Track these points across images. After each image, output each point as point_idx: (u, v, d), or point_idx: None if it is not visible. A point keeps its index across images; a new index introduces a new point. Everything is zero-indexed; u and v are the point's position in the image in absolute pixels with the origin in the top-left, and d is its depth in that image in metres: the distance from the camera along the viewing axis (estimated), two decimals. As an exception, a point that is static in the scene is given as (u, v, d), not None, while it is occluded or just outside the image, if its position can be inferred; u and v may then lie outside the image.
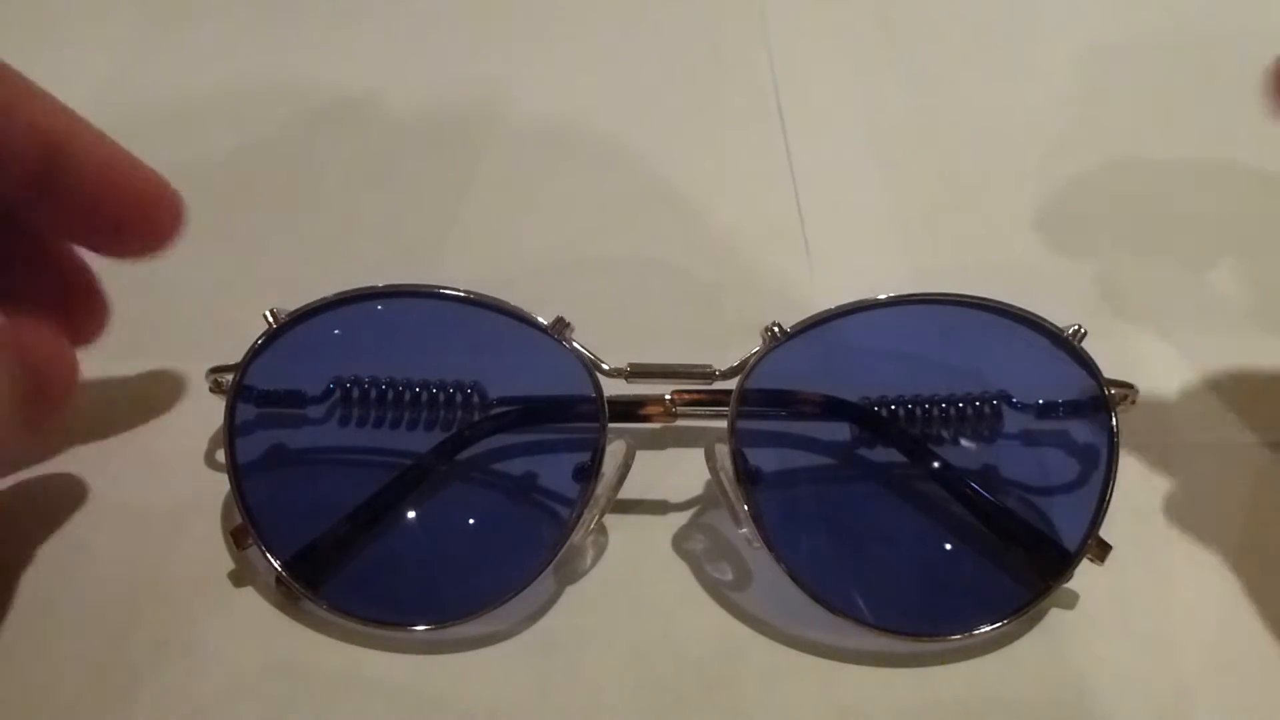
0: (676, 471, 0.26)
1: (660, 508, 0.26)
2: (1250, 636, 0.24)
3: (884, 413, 0.26)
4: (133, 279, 0.25)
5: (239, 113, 0.36)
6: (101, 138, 0.23)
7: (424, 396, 0.25)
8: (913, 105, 0.37)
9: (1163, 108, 0.37)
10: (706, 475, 0.26)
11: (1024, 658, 0.24)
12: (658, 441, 0.27)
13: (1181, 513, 0.26)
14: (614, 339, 0.25)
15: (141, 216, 0.24)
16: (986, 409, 0.25)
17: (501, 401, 0.26)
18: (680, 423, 0.25)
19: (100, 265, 0.26)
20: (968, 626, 0.23)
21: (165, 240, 0.24)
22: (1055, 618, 0.24)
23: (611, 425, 0.24)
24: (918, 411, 0.25)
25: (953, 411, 0.25)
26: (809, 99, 0.37)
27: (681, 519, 0.26)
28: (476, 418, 0.26)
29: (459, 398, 0.25)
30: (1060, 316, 0.29)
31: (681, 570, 0.25)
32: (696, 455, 0.26)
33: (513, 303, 0.24)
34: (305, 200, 0.34)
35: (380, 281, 0.25)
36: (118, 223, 0.24)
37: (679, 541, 0.25)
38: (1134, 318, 0.30)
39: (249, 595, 0.24)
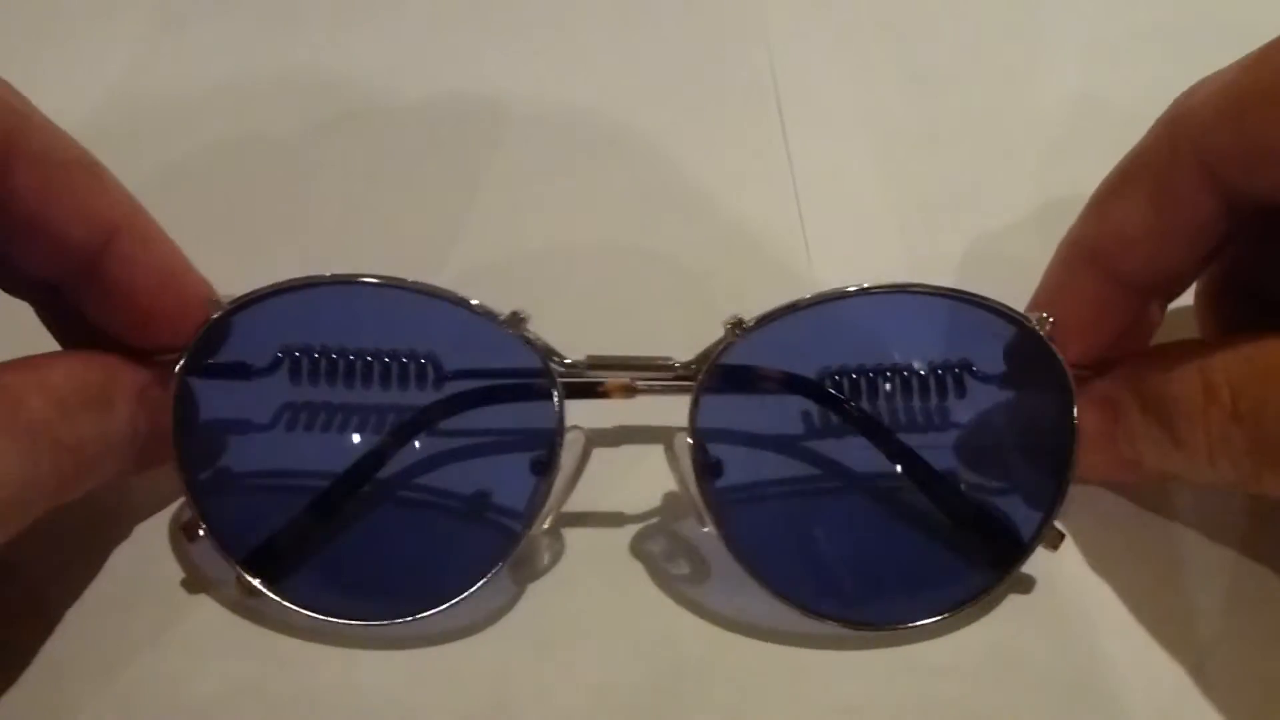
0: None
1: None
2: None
3: (846, 405, 0.25)
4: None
5: (240, 112, 0.36)
6: (156, 235, 0.24)
7: (377, 387, 0.25)
8: (913, 105, 0.37)
9: (1163, 107, 0.37)
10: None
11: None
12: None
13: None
14: (611, 338, 0.25)
15: (172, 319, 0.23)
16: (951, 399, 0.25)
17: (457, 395, 0.25)
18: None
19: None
20: (928, 614, 0.24)
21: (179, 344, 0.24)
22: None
23: (572, 401, 0.24)
24: (880, 403, 0.25)
25: (916, 402, 0.25)
26: (809, 99, 0.37)
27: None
28: (430, 409, 0.25)
29: (412, 388, 0.25)
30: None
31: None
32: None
33: (475, 298, 0.24)
34: (306, 198, 0.34)
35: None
36: (149, 320, 0.23)
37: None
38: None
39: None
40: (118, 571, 0.25)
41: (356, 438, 0.25)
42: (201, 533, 0.23)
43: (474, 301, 0.23)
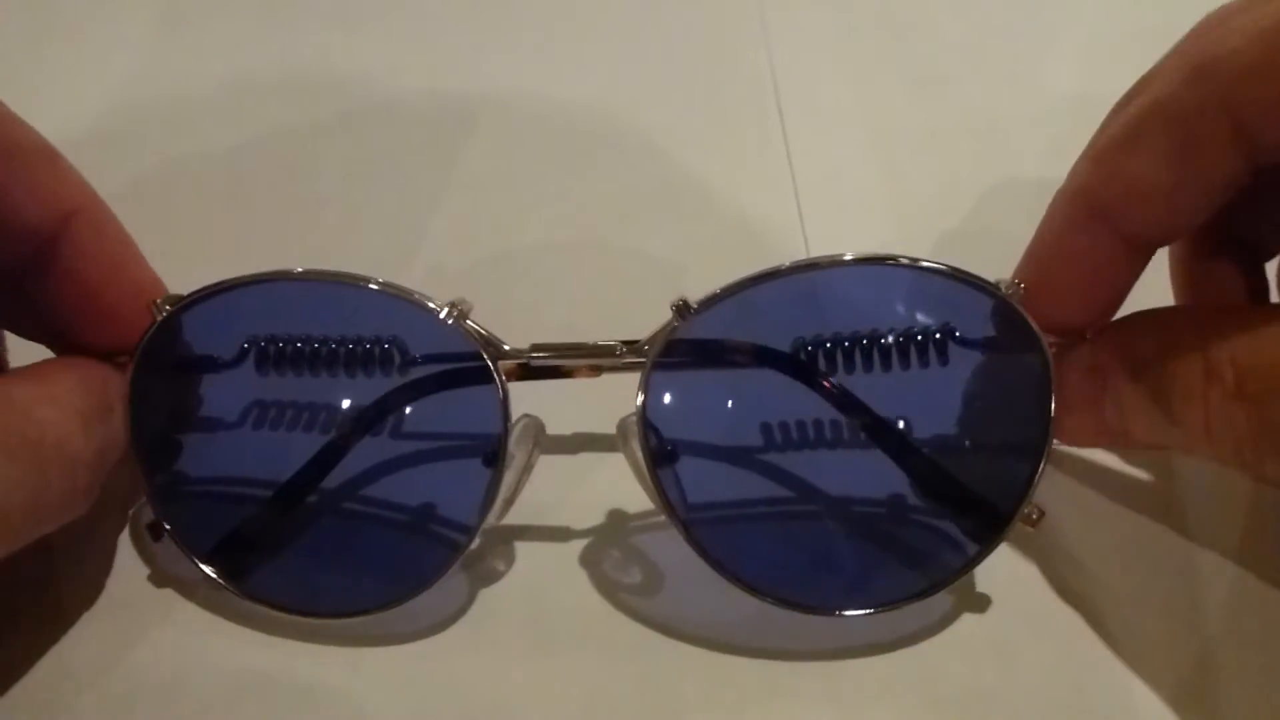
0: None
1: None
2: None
3: (803, 381, 0.25)
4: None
5: (240, 112, 0.36)
6: (111, 228, 0.23)
7: (325, 384, 0.25)
8: (913, 105, 0.37)
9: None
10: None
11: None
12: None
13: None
14: (606, 335, 0.25)
15: (119, 314, 0.23)
16: (918, 373, 0.24)
17: (405, 390, 0.25)
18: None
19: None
20: (900, 599, 0.23)
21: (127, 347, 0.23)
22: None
23: (531, 391, 0.24)
24: (841, 379, 0.24)
25: (880, 376, 0.24)
26: (809, 99, 0.37)
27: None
28: (379, 405, 0.25)
29: (361, 384, 0.25)
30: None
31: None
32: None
33: (416, 290, 0.23)
34: (304, 196, 0.34)
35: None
36: (99, 313, 0.23)
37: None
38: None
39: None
40: (116, 569, 0.25)
41: (305, 435, 0.25)
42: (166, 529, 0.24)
43: (418, 294, 0.23)
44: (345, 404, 0.25)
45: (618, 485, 0.25)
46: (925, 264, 0.23)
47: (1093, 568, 0.25)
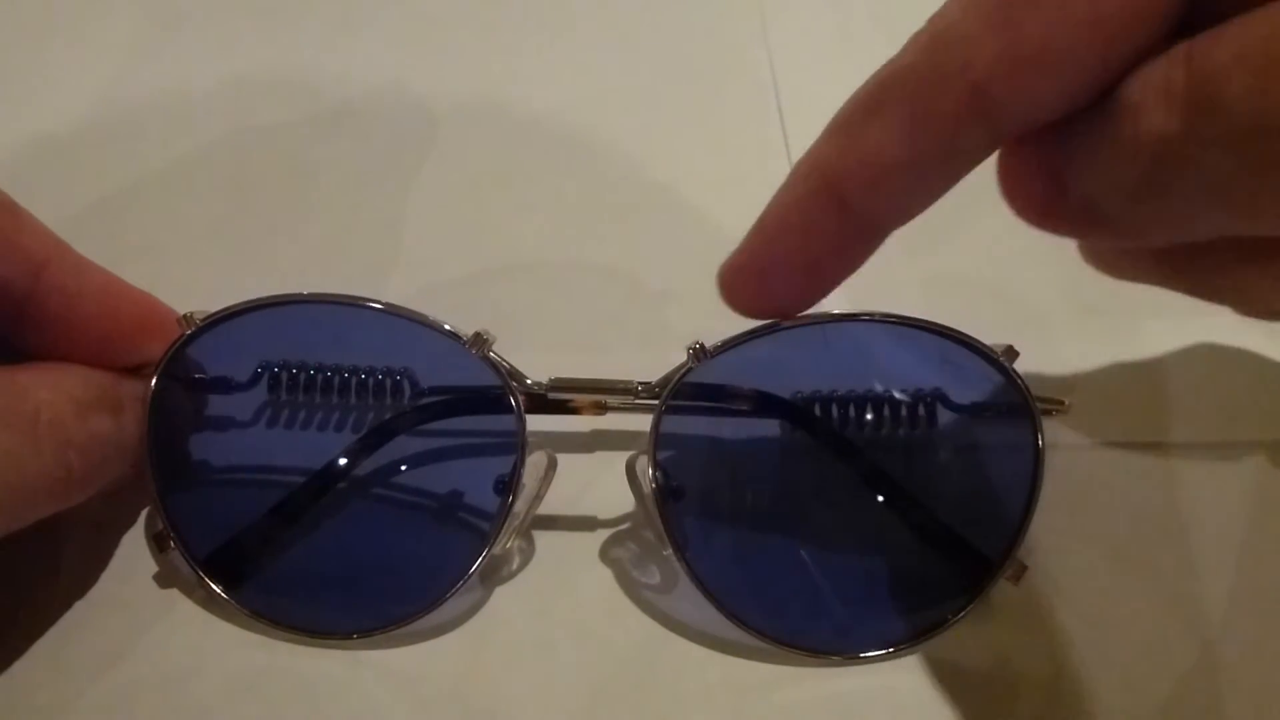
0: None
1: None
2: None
3: (808, 430, 0.26)
4: (130, 278, 0.25)
5: (238, 113, 0.36)
6: (86, 263, 0.23)
7: (343, 406, 0.25)
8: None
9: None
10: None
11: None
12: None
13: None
14: (609, 343, 0.25)
15: (127, 337, 0.24)
16: (913, 428, 0.26)
17: (423, 415, 0.26)
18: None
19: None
20: (885, 644, 0.24)
21: (154, 355, 0.24)
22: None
23: (544, 417, 0.24)
24: (843, 429, 0.26)
25: (880, 430, 0.25)
26: (809, 99, 0.37)
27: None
28: (396, 429, 0.26)
29: (379, 407, 0.26)
30: (1063, 318, 0.29)
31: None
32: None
33: (434, 316, 0.24)
34: (302, 202, 0.34)
35: (375, 283, 0.25)
36: (102, 343, 0.23)
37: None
38: (1140, 315, 0.30)
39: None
40: (119, 569, 0.25)
41: (321, 456, 0.26)
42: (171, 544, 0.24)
43: (446, 326, 0.23)
44: (362, 428, 0.26)
45: (618, 506, 0.26)
46: (937, 328, 0.24)
47: (1092, 569, 0.25)
